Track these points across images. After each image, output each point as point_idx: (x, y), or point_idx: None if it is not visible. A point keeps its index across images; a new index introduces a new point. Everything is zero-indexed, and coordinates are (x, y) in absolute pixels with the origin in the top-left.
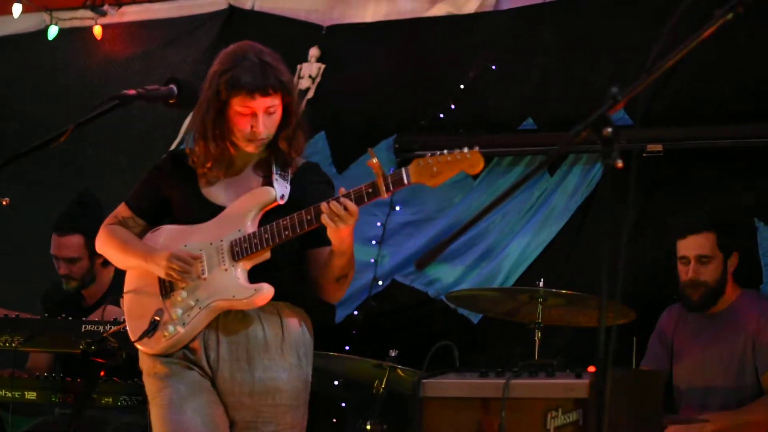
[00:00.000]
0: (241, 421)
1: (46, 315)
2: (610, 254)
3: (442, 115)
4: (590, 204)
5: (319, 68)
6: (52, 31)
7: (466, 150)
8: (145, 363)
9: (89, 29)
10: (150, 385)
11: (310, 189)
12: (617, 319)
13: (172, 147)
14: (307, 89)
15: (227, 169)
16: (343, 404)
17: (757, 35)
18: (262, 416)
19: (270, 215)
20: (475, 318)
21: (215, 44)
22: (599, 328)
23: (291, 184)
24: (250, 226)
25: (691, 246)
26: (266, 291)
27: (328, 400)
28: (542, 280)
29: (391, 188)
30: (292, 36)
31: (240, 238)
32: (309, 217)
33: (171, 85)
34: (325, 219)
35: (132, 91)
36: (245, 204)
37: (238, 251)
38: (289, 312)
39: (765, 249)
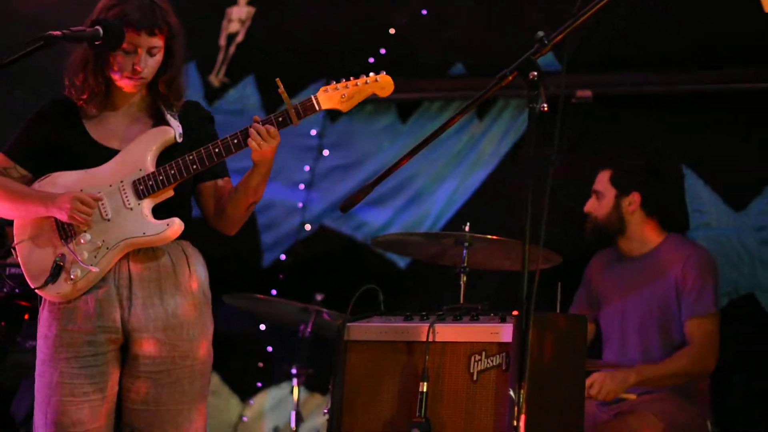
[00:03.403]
0: (157, 356)
1: None
2: (533, 199)
3: (372, 60)
4: (519, 149)
5: (249, 12)
6: None
7: (372, 74)
8: (43, 323)
9: None
10: (42, 349)
11: (196, 126)
12: (542, 264)
13: None
14: (237, 33)
15: (104, 105)
16: (270, 348)
17: None
18: (179, 351)
19: (163, 155)
20: (402, 262)
21: None
22: (524, 274)
23: (180, 123)
24: (151, 165)
25: (594, 182)
26: (177, 225)
27: (255, 343)
28: (468, 224)
29: (302, 115)
30: None
31: (144, 177)
32: (236, 141)
33: (97, 27)
34: (251, 143)
35: (57, 32)
36: (144, 143)
37: (142, 189)
38: (191, 249)
39: (692, 195)
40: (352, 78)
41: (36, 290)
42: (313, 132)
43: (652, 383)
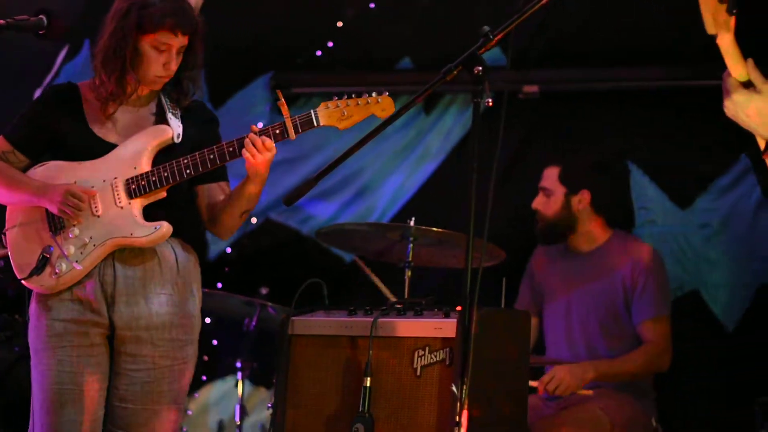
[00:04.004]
0: (138, 355)
1: None
2: (477, 194)
3: (319, 53)
4: (466, 144)
5: (197, 3)
6: None
7: (374, 94)
8: (33, 314)
9: None
10: (34, 340)
11: (199, 127)
12: (486, 260)
13: (47, 81)
14: None
15: (119, 103)
16: (215, 342)
17: None
18: (159, 350)
19: (161, 154)
20: (348, 257)
21: None
22: (467, 268)
23: (182, 123)
24: (146, 165)
25: (541, 178)
26: (165, 229)
27: (200, 337)
28: (413, 218)
29: (300, 130)
30: None
31: (137, 176)
32: (231, 149)
33: (41, 16)
34: (245, 153)
35: (1, 21)
36: (141, 142)
37: (135, 189)
38: (181, 248)
39: (638, 192)
40: (354, 96)
41: (22, 281)
42: (260, 125)
43: (609, 379)
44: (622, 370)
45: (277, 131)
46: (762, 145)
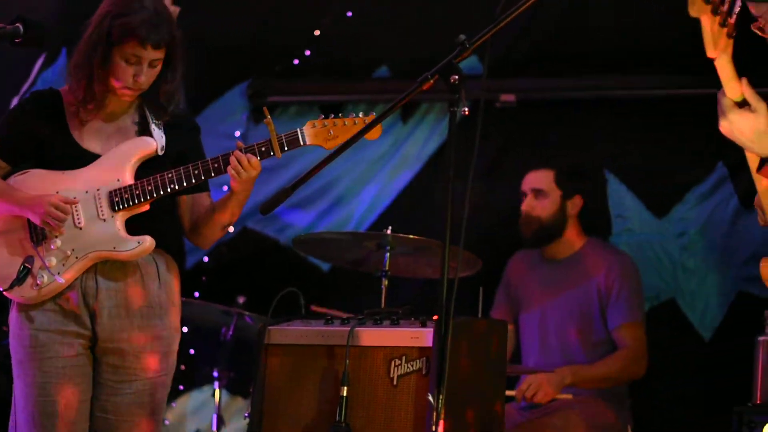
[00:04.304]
0: (120, 366)
1: None
2: (453, 203)
3: (296, 61)
4: (443, 153)
5: (174, 11)
6: None
7: (361, 114)
8: (15, 323)
9: None
10: (17, 349)
11: (182, 137)
12: (463, 270)
13: (24, 89)
14: None
15: (100, 111)
16: (192, 351)
17: None
18: (141, 363)
19: (143, 165)
20: (325, 266)
21: None
22: (443, 277)
23: (164, 135)
24: (129, 177)
25: (529, 180)
26: (148, 244)
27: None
28: (390, 227)
29: (286, 148)
30: None
31: (120, 189)
32: (216, 165)
33: (17, 24)
34: (230, 170)
35: None
36: (124, 153)
37: (118, 201)
38: (163, 260)
39: (615, 200)
40: (340, 115)
41: (2, 292)
42: (237, 133)
43: (586, 384)
44: (599, 375)
45: (263, 149)
46: (755, 162)
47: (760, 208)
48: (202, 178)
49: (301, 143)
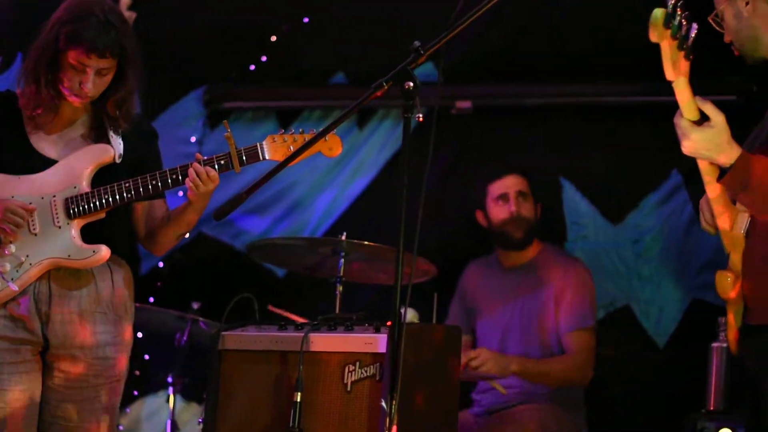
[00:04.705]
0: (72, 373)
1: None
2: (407, 209)
3: (253, 67)
4: (399, 159)
5: (130, 17)
6: None
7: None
8: None
9: None
10: None
11: (140, 144)
12: (418, 276)
13: None
14: None
15: (55, 116)
16: (147, 356)
17: (563, 1)
18: (93, 369)
19: (100, 172)
20: (280, 272)
21: None
22: (397, 283)
23: (122, 140)
24: (86, 184)
25: (510, 184)
26: (103, 252)
27: (132, 352)
28: (345, 233)
29: (245, 162)
30: None
31: (77, 196)
32: (174, 177)
33: None
34: (189, 182)
35: None
36: (82, 160)
37: (74, 209)
38: (118, 267)
39: (570, 207)
40: (301, 130)
41: None
42: (193, 139)
43: (529, 377)
44: (543, 370)
45: (222, 162)
46: (709, 171)
47: (706, 211)
48: (160, 189)
49: (261, 158)
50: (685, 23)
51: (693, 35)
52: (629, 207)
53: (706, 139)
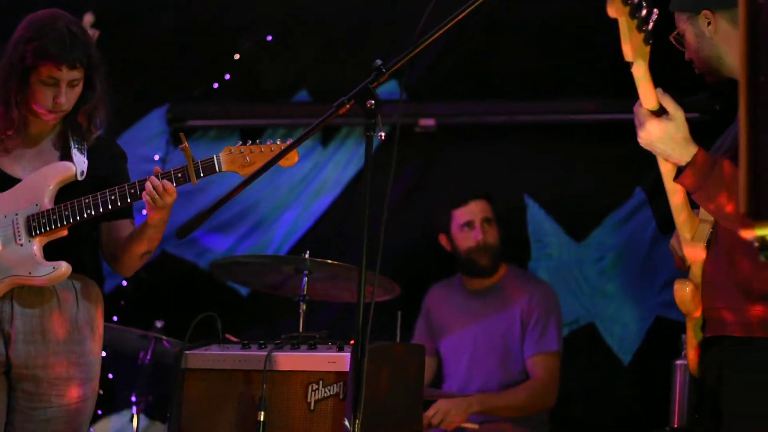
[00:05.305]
0: (35, 393)
1: None
2: (370, 227)
3: (216, 85)
4: (362, 177)
5: (93, 34)
6: None
7: (279, 141)
8: None
9: None
10: None
11: (105, 163)
12: (381, 294)
13: None
14: None
15: (24, 137)
16: (111, 375)
17: (526, 21)
18: (57, 389)
19: (64, 190)
20: (244, 290)
21: None
22: (359, 302)
23: (87, 159)
24: (48, 202)
25: (475, 210)
26: (64, 269)
27: None
28: (308, 251)
29: (202, 174)
30: (65, 1)
31: (37, 214)
32: (132, 191)
33: None
34: (146, 196)
35: None
36: (43, 178)
37: (35, 227)
38: (83, 286)
39: (534, 225)
40: (258, 141)
41: None
42: (156, 157)
43: (493, 413)
44: (505, 404)
45: (179, 175)
46: (665, 169)
47: (677, 249)
48: (119, 204)
49: (217, 170)
50: (645, 5)
51: (653, 20)
52: (593, 225)
53: (663, 132)
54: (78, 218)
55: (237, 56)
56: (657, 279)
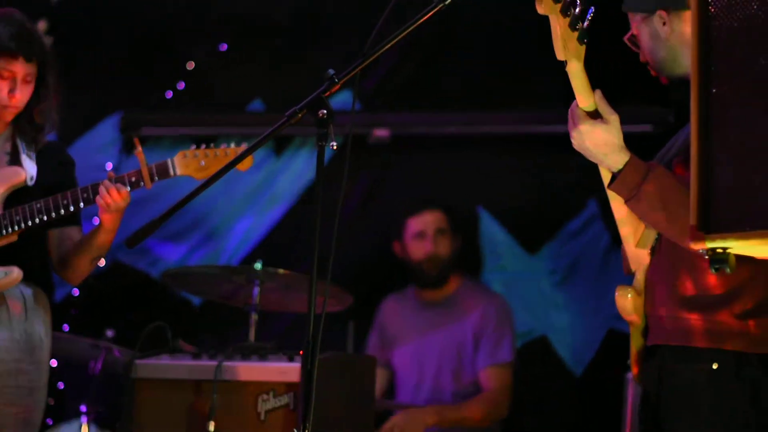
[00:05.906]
0: None
1: None
2: (321, 238)
3: (170, 94)
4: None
5: (47, 41)
6: None
7: (233, 145)
8: None
9: None
10: None
11: (54, 170)
12: (332, 305)
13: None
14: None
15: None
16: (61, 385)
17: (480, 28)
18: (5, 397)
19: (12, 196)
20: (196, 300)
21: None
22: (310, 312)
23: (36, 165)
24: None
25: (429, 221)
26: (15, 274)
27: None
28: (260, 261)
29: (156, 178)
30: (19, 7)
31: None
32: (86, 195)
33: None
34: (99, 200)
35: None
36: None
37: None
38: (31, 292)
39: (487, 237)
40: (212, 145)
41: None
42: (109, 165)
43: (449, 424)
44: (462, 417)
45: (133, 179)
46: (607, 178)
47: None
48: (71, 208)
49: (172, 173)
50: (579, 3)
51: (589, 17)
52: (546, 237)
53: (597, 134)
54: (30, 223)
55: (191, 65)
56: (610, 291)
